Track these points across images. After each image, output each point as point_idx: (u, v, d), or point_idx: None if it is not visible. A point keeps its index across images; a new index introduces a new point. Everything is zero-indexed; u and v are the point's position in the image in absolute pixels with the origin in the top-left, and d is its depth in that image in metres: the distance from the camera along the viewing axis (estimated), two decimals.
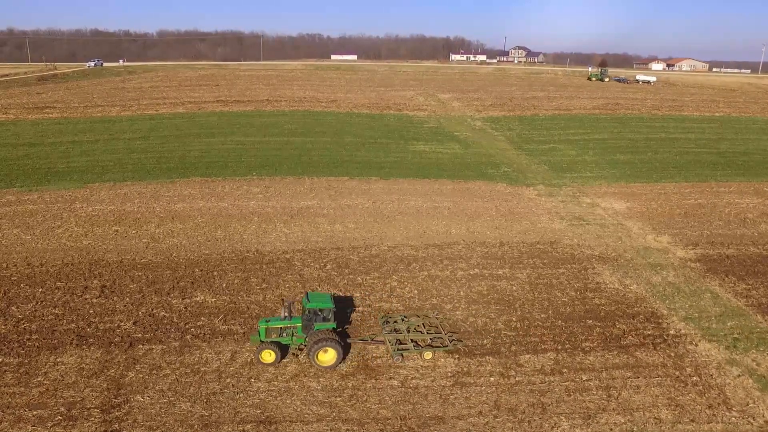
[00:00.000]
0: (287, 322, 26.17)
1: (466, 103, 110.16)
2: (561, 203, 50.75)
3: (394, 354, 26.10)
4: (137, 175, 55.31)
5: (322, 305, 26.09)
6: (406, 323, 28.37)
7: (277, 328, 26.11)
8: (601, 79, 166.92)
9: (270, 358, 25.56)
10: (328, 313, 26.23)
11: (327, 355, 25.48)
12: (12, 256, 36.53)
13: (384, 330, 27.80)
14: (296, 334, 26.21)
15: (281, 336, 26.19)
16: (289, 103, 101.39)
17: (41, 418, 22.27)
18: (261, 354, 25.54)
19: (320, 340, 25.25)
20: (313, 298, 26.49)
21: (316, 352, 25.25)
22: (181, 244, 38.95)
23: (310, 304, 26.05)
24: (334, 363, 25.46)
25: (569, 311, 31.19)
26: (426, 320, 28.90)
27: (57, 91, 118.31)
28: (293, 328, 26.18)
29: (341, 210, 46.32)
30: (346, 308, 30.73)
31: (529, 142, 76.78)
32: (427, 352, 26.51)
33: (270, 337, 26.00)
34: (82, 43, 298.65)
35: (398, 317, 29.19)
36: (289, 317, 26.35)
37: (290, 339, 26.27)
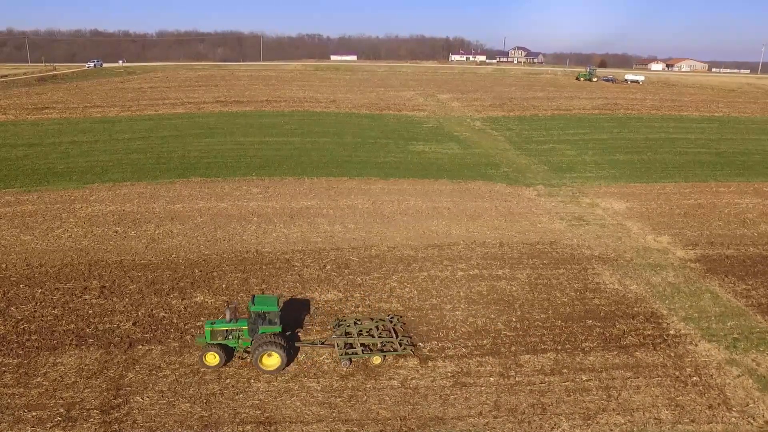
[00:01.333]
0: (233, 325, 25.67)
1: (465, 103, 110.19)
2: (561, 203, 50.74)
3: (341, 358, 25.58)
4: (137, 175, 55.28)
5: (267, 308, 25.55)
6: (358, 327, 27.67)
7: (223, 331, 25.65)
8: (589, 78, 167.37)
9: (214, 361, 25.11)
10: (274, 317, 25.66)
11: (271, 359, 24.97)
12: (11, 257, 36.49)
13: (334, 333, 27.32)
14: (242, 337, 25.67)
15: (227, 338, 25.72)
16: (288, 103, 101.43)
17: (40, 418, 22.22)
18: (205, 356, 25.07)
19: (264, 344, 24.75)
20: (259, 301, 25.93)
21: (259, 356, 24.74)
22: (180, 244, 38.92)
23: (255, 307, 25.52)
24: (278, 367, 24.93)
25: (569, 311, 31.18)
26: (381, 324, 28.13)
27: (56, 91, 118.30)
28: (239, 330, 25.71)
29: (341, 210, 46.30)
30: (302, 311, 30.28)
31: (529, 143, 76.79)
32: (376, 357, 25.80)
33: (215, 339, 25.56)
34: (82, 44, 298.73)
35: (351, 320, 28.52)
36: (234, 320, 25.90)
37: (236, 342, 25.72)
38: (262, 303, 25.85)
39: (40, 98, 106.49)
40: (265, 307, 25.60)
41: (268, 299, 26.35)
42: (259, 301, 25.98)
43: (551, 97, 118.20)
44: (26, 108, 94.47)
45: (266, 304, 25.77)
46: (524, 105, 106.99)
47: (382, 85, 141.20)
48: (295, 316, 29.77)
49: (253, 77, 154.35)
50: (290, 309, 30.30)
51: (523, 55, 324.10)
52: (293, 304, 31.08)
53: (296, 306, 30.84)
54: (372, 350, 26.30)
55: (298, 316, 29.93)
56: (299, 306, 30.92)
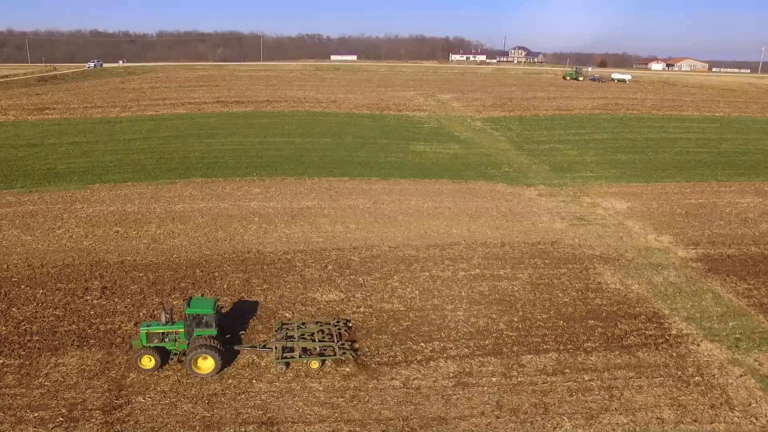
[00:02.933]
0: (169, 327, 25.32)
1: (466, 103, 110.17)
2: (562, 203, 50.73)
3: (277, 362, 25.28)
4: (137, 175, 55.27)
5: (202, 311, 25.16)
6: (301, 330, 27.29)
7: (158, 333, 25.26)
8: (575, 78, 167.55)
9: (149, 364, 24.82)
10: (210, 319, 25.20)
11: (206, 363, 24.64)
12: (12, 257, 36.48)
13: (275, 337, 26.92)
14: (179, 340, 25.36)
15: (163, 341, 25.35)
16: (289, 103, 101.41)
17: (42, 419, 22.21)
18: (140, 359, 24.79)
19: (198, 347, 24.42)
20: (195, 304, 25.57)
21: (193, 359, 24.45)
22: (181, 244, 38.91)
23: (190, 309, 25.15)
24: (212, 371, 24.61)
25: (571, 311, 31.15)
26: (325, 328, 27.74)
27: (57, 92, 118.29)
28: (176, 333, 25.38)
29: (342, 210, 46.29)
30: (250, 314, 29.93)
31: (530, 142, 76.78)
32: (314, 361, 25.43)
33: (151, 342, 25.15)
34: (82, 44, 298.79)
35: (296, 324, 28.08)
36: (170, 322, 25.54)
37: (173, 344, 25.41)
38: (198, 305, 25.44)
39: (40, 99, 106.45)
40: (200, 310, 25.16)
41: (204, 302, 25.95)
42: (195, 304, 25.57)
43: (552, 97, 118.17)
44: (27, 108, 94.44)
45: (202, 307, 25.33)
46: (525, 105, 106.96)
47: (383, 85, 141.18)
48: (242, 318, 29.39)
49: (254, 77, 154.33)
50: (239, 312, 30.05)
51: (523, 55, 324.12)
52: (243, 306, 30.73)
53: (246, 308, 30.43)
54: (311, 354, 25.84)
55: (246, 318, 29.49)
56: (248, 308, 30.50)
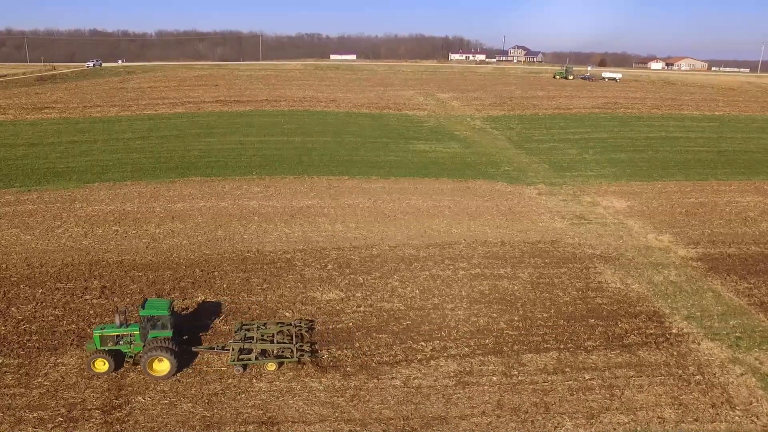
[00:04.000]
0: (123, 330, 25.08)
1: (465, 102, 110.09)
2: (562, 202, 50.68)
3: (234, 364, 24.95)
4: (137, 174, 55.18)
5: (156, 312, 24.85)
6: (260, 332, 26.92)
7: (113, 336, 24.99)
8: (565, 77, 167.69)
9: (103, 368, 24.52)
10: (165, 321, 24.93)
11: (161, 365, 24.38)
12: (11, 257, 36.40)
13: (234, 338, 26.61)
14: (135, 342, 25.05)
15: (118, 344, 25.05)
16: (288, 102, 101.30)
17: (42, 419, 22.15)
18: (94, 363, 24.49)
19: (153, 349, 24.20)
20: (149, 306, 25.21)
21: (147, 361, 24.16)
22: (181, 244, 38.83)
23: (144, 311, 24.87)
24: (168, 373, 24.37)
25: (571, 310, 31.11)
26: (286, 329, 27.36)
27: (56, 91, 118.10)
28: (131, 335, 25.08)
29: (342, 209, 46.22)
30: (212, 315, 29.70)
31: (529, 141, 76.72)
32: (271, 364, 25.13)
33: (106, 345, 24.84)
34: (81, 44, 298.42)
35: (256, 325, 27.66)
36: (125, 324, 25.35)
37: (129, 347, 25.08)
38: (153, 307, 25.10)
39: (39, 98, 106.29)
40: (154, 311, 24.85)
41: (159, 303, 25.53)
42: (150, 305, 25.22)
43: (551, 96, 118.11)
44: (26, 108, 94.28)
45: (156, 308, 25.01)
46: (524, 104, 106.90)
47: (382, 85, 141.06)
48: (206, 319, 29.26)
49: (253, 77, 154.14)
50: (201, 313, 29.90)
51: (522, 54, 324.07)
52: (205, 307, 30.53)
53: (209, 309, 30.23)
54: (268, 356, 25.58)
55: (208, 320, 29.30)
56: (211, 309, 30.27)
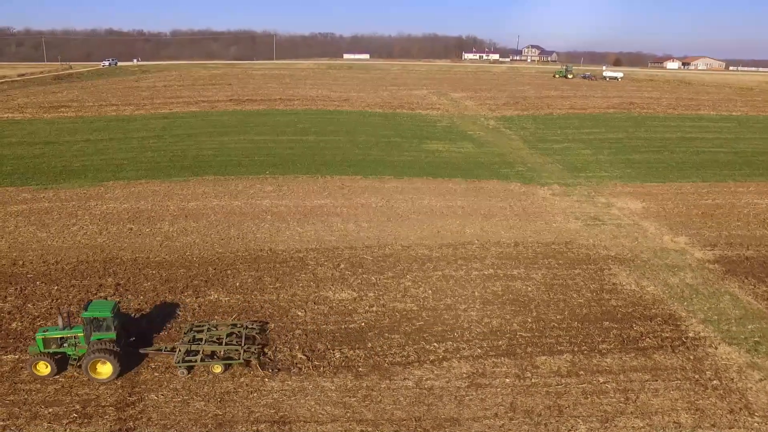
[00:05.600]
0: (67, 332, 24.56)
1: (479, 102, 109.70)
2: (576, 203, 50.25)
3: (178, 366, 24.53)
4: (151, 173, 55.52)
5: (98, 314, 24.23)
6: (210, 333, 26.47)
7: (56, 339, 24.50)
8: (565, 75, 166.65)
9: (45, 371, 24.19)
10: (108, 323, 24.33)
11: (104, 368, 24.01)
12: (28, 254, 36.76)
13: (182, 339, 26.12)
14: (79, 344, 24.58)
15: (62, 346, 24.60)
16: (302, 102, 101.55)
17: (57, 415, 22.31)
18: (36, 366, 24.11)
19: (95, 351, 23.79)
20: (93, 307, 24.60)
21: (89, 364, 23.78)
22: (194, 242, 38.99)
23: (87, 312, 24.29)
24: (111, 376, 24.02)
25: (585, 312, 30.80)
26: (236, 330, 26.94)
27: (72, 90, 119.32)
28: (75, 338, 24.56)
29: (354, 209, 46.17)
30: (169, 316, 29.39)
31: (543, 142, 76.22)
32: (217, 366, 24.67)
33: (49, 347, 24.40)
34: (97, 43, 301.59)
35: (207, 326, 27.22)
36: (69, 327, 24.80)
37: (73, 349, 24.64)
38: (95, 309, 24.53)
39: (56, 97, 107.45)
40: (97, 313, 24.26)
41: (103, 305, 24.92)
42: (93, 307, 24.65)
43: (565, 96, 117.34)
44: (43, 106, 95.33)
45: (99, 310, 24.41)
46: (538, 104, 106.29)
47: (395, 84, 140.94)
48: (161, 320, 29.02)
49: (267, 76, 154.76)
50: (158, 314, 29.66)
51: (536, 54, 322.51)
52: (163, 308, 30.33)
53: (166, 310, 30.05)
54: (215, 358, 25.16)
55: (163, 321, 29.06)
56: (168, 310, 30.09)
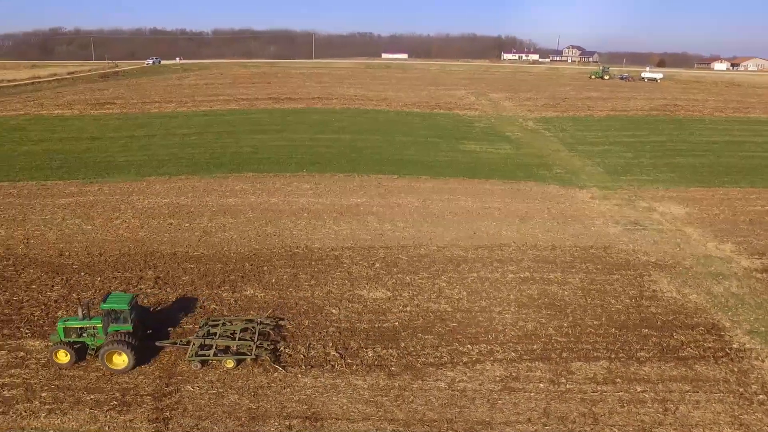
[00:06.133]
0: (86, 322, 25.30)
1: (518, 102, 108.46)
2: (616, 207, 49.16)
3: (191, 360, 24.90)
4: (191, 169, 56.64)
5: (116, 306, 24.93)
6: (225, 328, 26.84)
7: (76, 328, 25.28)
8: (601, 76, 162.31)
9: (65, 359, 24.91)
10: (125, 315, 25.02)
11: (120, 359, 24.61)
12: (73, 245, 37.95)
13: (197, 333, 26.51)
14: (98, 335, 25.28)
15: (81, 336, 25.35)
16: (339, 101, 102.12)
17: (98, 401, 23.01)
18: (56, 354, 24.89)
19: (111, 343, 24.47)
20: (111, 299, 25.36)
21: (105, 354, 24.43)
22: (232, 238, 39.61)
23: (105, 304, 25.03)
24: (126, 367, 24.58)
25: (623, 319, 30.10)
26: (251, 326, 27.20)
27: (118, 88, 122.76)
28: (94, 328, 25.28)
29: (390, 208, 46.18)
30: (187, 310, 29.82)
31: (583, 144, 74.85)
32: (229, 361, 24.93)
33: (69, 336, 25.20)
34: (142, 42, 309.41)
35: (222, 321, 27.65)
36: (88, 317, 25.49)
37: (92, 339, 25.35)
38: (113, 301, 25.24)
39: (102, 94, 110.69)
40: (114, 305, 24.97)
41: (121, 297, 25.66)
42: (112, 299, 25.39)
43: (606, 98, 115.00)
44: (90, 103, 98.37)
45: (116, 302, 25.13)
46: (578, 105, 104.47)
47: (433, 84, 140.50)
48: (178, 314, 29.42)
49: (305, 75, 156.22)
50: (178, 308, 30.10)
51: (577, 54, 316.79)
52: (182, 302, 30.76)
53: (185, 305, 30.47)
54: (227, 353, 25.36)
55: (181, 315, 29.45)
56: (188, 305, 30.51)
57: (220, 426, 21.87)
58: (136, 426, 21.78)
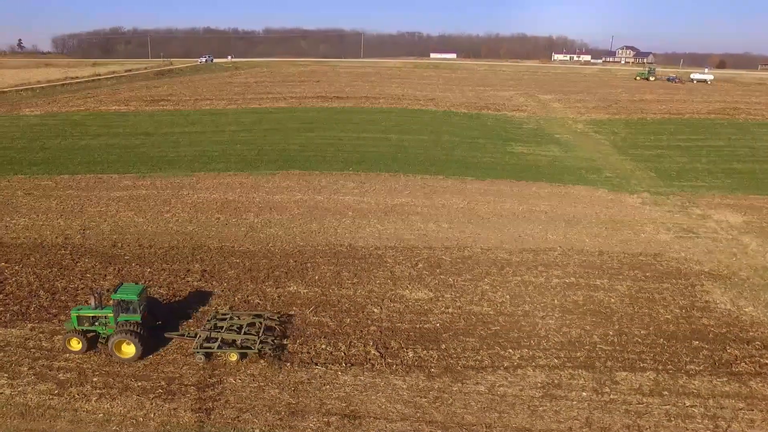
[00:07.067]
0: (98, 312, 26.11)
1: (567, 104, 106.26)
2: (668, 213, 47.56)
3: (196, 351, 25.40)
4: (239, 165, 57.78)
5: (126, 296, 25.61)
6: (231, 322, 27.29)
7: (89, 317, 26.14)
8: (646, 77, 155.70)
9: (77, 346, 25.87)
10: (134, 306, 25.70)
11: (128, 348, 25.39)
12: (126, 237, 39.30)
13: (204, 326, 27.09)
14: (109, 324, 26.08)
15: (94, 325, 26.22)
16: (387, 100, 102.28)
17: (144, 389, 23.76)
18: (69, 341, 25.89)
19: (120, 332, 25.25)
20: (122, 290, 26.03)
21: (114, 343, 25.23)
22: (277, 234, 40.21)
23: (115, 295, 25.73)
24: (134, 356, 25.33)
25: (673, 329, 29.09)
26: (258, 321, 27.55)
27: (172, 85, 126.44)
28: (105, 317, 26.11)
29: (435, 209, 45.98)
30: (199, 303, 30.42)
31: (635, 147, 72.71)
32: (232, 354, 25.37)
33: (82, 325, 26.11)
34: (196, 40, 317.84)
35: (230, 315, 28.19)
36: (100, 306, 26.28)
37: (103, 328, 26.18)
38: (124, 291, 25.91)
39: (157, 91, 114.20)
40: (124, 296, 25.63)
41: (131, 288, 26.29)
42: (123, 290, 26.06)
43: (661, 100, 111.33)
44: (145, 100, 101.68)
45: (127, 293, 25.78)
46: (631, 107, 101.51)
47: (482, 84, 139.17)
48: (190, 307, 29.99)
49: (354, 74, 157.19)
50: (189, 302, 30.66)
51: (631, 55, 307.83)
52: (196, 295, 31.35)
53: (197, 298, 31.05)
54: (231, 347, 25.74)
55: (193, 307, 30.02)
56: (202, 298, 31.05)
57: (260, 419, 22.25)
58: (180, 415, 22.38)
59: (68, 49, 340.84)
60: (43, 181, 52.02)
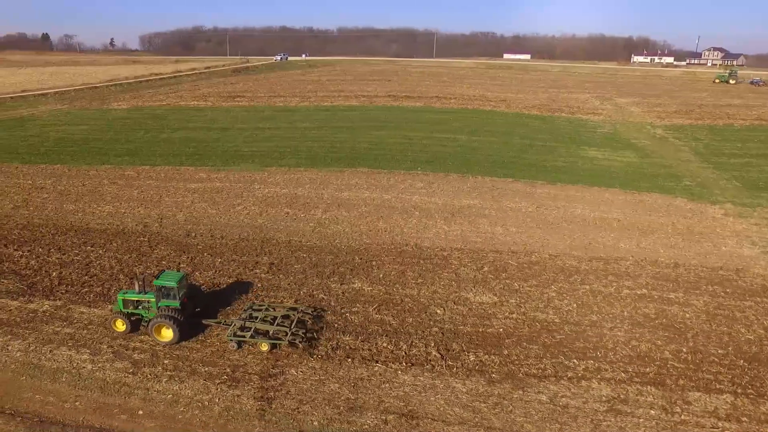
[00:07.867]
0: (141, 296, 27.30)
1: (646, 108, 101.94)
2: (754, 226, 44.73)
3: (229, 339, 26.26)
4: (310, 162, 58.93)
5: (165, 283, 26.77)
6: (265, 313, 27.96)
7: (133, 301, 27.39)
8: (727, 81, 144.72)
9: (122, 328, 27.34)
10: (173, 292, 26.80)
11: (167, 332, 26.58)
12: (199, 227, 40.92)
13: (240, 315, 27.90)
14: (151, 309, 27.21)
15: (137, 308, 27.43)
16: (458, 100, 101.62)
17: (211, 374, 24.67)
18: (115, 322, 27.43)
19: (160, 317, 26.43)
20: (164, 277, 27.17)
21: (153, 327, 26.53)
22: (344, 231, 40.72)
23: (157, 281, 27.01)
24: (171, 340, 26.52)
25: (755, 351, 27.34)
26: (292, 313, 28.18)
27: (247, 82, 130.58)
28: (148, 302, 27.24)
29: (503, 212, 45.25)
30: (241, 293, 31.34)
31: (719, 155, 68.80)
32: (264, 344, 25.99)
33: (127, 308, 27.43)
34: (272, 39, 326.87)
35: (266, 306, 28.88)
36: (143, 291, 27.47)
37: (147, 312, 27.32)
38: (165, 278, 27.10)
39: (233, 87, 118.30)
40: (164, 282, 26.86)
41: (172, 275, 27.44)
42: (164, 277, 27.24)
43: (751, 105, 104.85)
44: (222, 96, 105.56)
45: (167, 280, 26.95)
46: (716, 113, 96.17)
47: (555, 86, 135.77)
48: (231, 296, 30.86)
49: (425, 73, 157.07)
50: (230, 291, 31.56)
51: (719, 57, 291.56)
52: (236, 287, 32.16)
53: (238, 288, 31.96)
54: (263, 336, 26.47)
55: (233, 296, 31.02)
56: (243, 287, 32.05)
57: (319, 412, 22.62)
58: (243, 402, 23.09)
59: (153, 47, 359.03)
60: (126, 171, 55.05)
